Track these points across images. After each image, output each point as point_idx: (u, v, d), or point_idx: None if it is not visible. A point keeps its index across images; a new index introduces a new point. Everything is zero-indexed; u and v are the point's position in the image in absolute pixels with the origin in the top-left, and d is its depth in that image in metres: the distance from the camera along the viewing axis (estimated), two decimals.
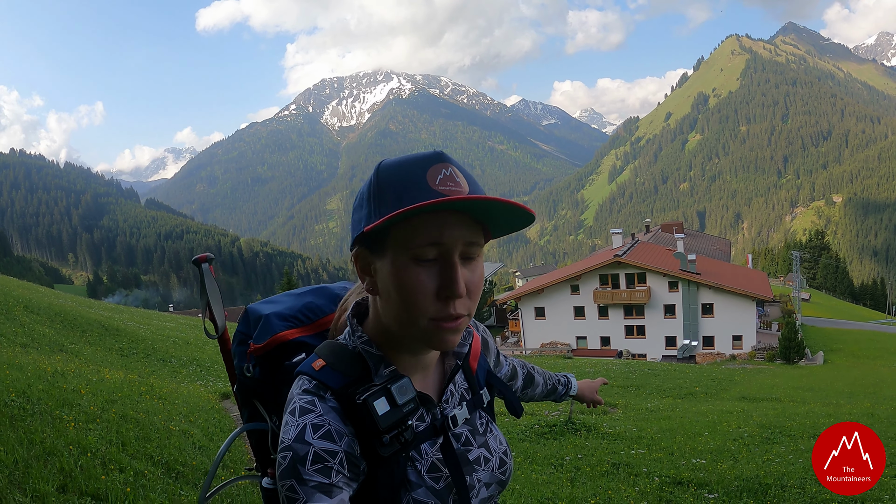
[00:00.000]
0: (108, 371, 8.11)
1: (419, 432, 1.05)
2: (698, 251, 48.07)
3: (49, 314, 14.17)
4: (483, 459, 1.12)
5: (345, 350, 1.06)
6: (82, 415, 4.80)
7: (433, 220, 0.91)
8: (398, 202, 0.91)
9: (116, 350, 12.62)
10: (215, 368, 13.12)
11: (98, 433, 4.46)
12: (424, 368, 1.11)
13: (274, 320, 1.25)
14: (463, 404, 1.13)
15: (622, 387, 16.08)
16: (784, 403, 13.30)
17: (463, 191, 0.93)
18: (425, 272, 0.94)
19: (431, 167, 0.93)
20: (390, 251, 0.95)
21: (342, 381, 1.01)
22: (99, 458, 3.97)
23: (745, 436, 8.15)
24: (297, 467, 0.92)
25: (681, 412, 10.92)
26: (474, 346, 1.20)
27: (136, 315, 24.42)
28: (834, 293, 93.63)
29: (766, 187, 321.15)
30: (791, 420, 9.69)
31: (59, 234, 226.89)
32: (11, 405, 4.40)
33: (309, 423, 0.95)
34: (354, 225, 0.99)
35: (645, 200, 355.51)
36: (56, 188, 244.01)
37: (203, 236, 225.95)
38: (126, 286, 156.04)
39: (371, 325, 1.07)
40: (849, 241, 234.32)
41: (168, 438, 5.20)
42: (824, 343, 37.43)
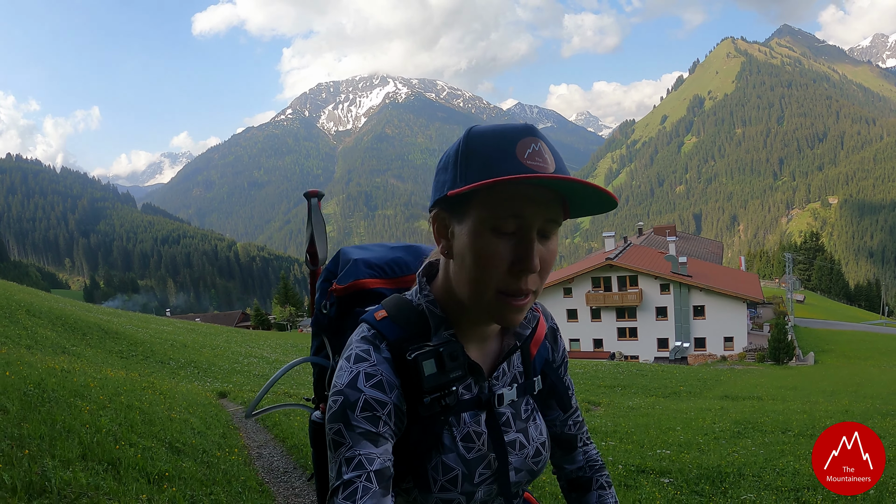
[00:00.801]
0: (110, 370, 8.53)
1: (463, 400, 1.06)
2: (691, 254, 48.59)
3: (50, 318, 14.56)
4: (518, 444, 1.12)
5: (409, 305, 1.08)
6: (94, 403, 5.40)
7: (518, 193, 0.92)
8: (486, 171, 0.91)
9: (116, 352, 13.01)
10: (211, 370, 13.51)
11: (109, 417, 5.06)
12: (483, 339, 1.11)
13: (361, 266, 1.28)
14: (513, 386, 1.13)
15: (609, 387, 16.51)
16: (764, 402, 13.72)
17: (549, 167, 0.93)
18: (503, 243, 0.94)
19: (521, 140, 0.94)
20: (471, 218, 0.95)
21: (399, 335, 1.03)
22: (111, 435, 4.56)
23: (717, 430, 8.57)
24: (346, 412, 0.94)
25: (660, 410, 11.34)
26: (538, 332, 1.20)
27: (134, 319, 24.81)
28: (829, 294, 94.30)
29: (761, 189, 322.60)
30: (765, 416, 10.11)
31: (56, 238, 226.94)
32: (31, 394, 4.96)
33: (362, 371, 0.97)
34: (437, 187, 1.00)
35: (641, 203, 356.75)
36: (53, 193, 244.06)
37: (200, 241, 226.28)
38: (123, 290, 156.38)
39: (439, 286, 1.08)
40: (845, 242, 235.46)
41: (170, 423, 5.75)
42: (816, 344, 37.89)
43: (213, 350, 18.60)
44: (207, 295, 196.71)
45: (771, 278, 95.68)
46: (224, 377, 12.93)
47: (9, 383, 4.97)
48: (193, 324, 33.41)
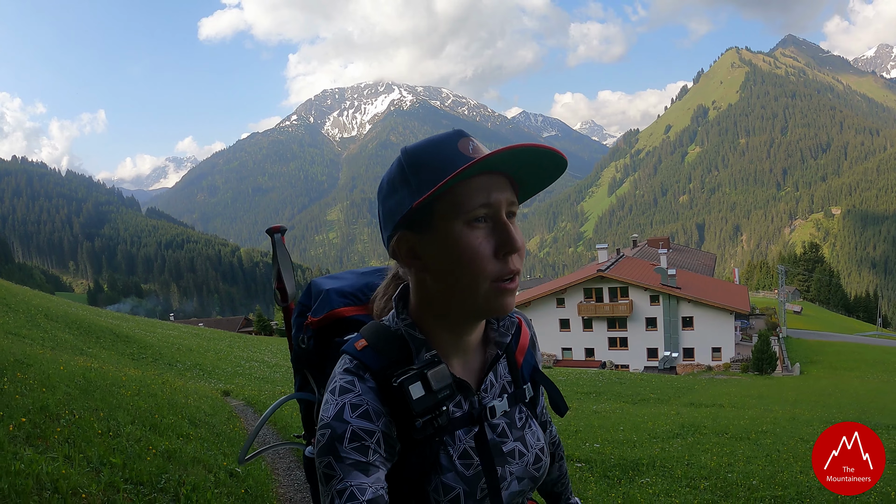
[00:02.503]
0: (129, 370, 9.77)
1: (455, 418, 1.06)
2: (683, 266, 49.67)
3: (66, 321, 15.80)
4: (518, 453, 1.13)
5: (388, 332, 1.08)
6: (129, 390, 7.03)
7: (478, 183, 0.96)
8: (440, 174, 0.95)
9: (128, 355, 14.24)
10: (216, 372, 14.70)
11: (143, 400, 6.71)
12: (465, 353, 1.12)
13: (333, 296, 1.29)
14: (504, 396, 1.14)
15: (585, 393, 17.65)
16: (724, 409, 14.80)
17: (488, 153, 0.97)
18: (481, 233, 0.97)
19: (459, 141, 0.99)
20: (439, 225, 0.97)
21: (382, 363, 1.03)
22: (147, 412, 6.17)
23: (658, 432, 9.70)
24: (335, 445, 0.95)
25: (619, 413, 12.48)
26: (522, 340, 1.22)
27: (141, 323, 26.07)
28: (827, 305, 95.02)
29: (765, 200, 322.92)
30: (711, 421, 11.25)
31: (61, 241, 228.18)
32: (81, 383, 6.45)
33: (348, 403, 0.98)
34: (390, 212, 1.02)
35: (644, 213, 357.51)
36: (58, 196, 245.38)
37: (203, 246, 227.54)
38: (126, 294, 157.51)
39: (414, 308, 1.09)
40: (847, 252, 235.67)
41: (186, 407, 7.35)
42: (806, 355, 38.60)
43: (217, 354, 19.77)
44: (211, 300, 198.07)
45: (770, 289, 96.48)
46: (227, 379, 14.09)
47: (63, 375, 6.47)
48: (198, 329, 34.59)
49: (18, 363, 6.17)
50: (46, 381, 5.83)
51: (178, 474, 4.26)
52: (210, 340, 24.37)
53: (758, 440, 9.11)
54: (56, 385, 5.80)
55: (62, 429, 4.34)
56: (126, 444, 4.60)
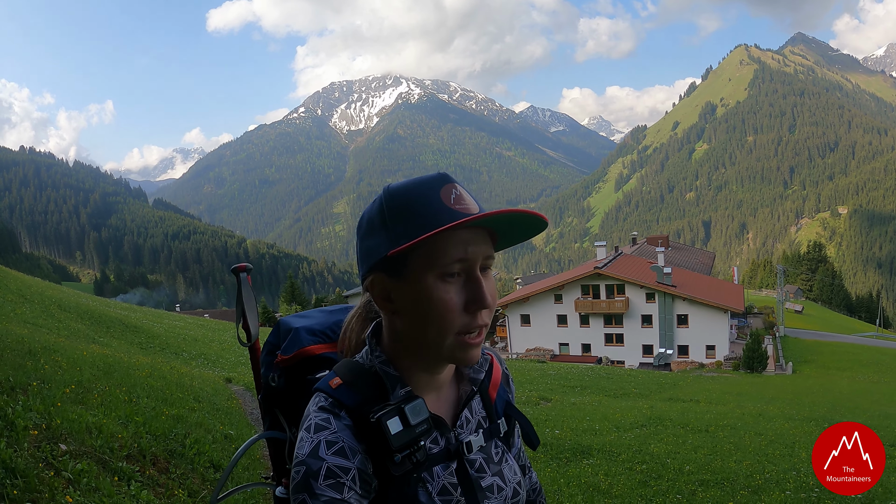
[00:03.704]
0: (140, 357, 10.67)
1: (432, 455, 1.07)
2: (681, 264, 50.34)
3: (78, 312, 16.69)
4: (496, 487, 1.13)
5: (361, 369, 1.09)
6: (142, 373, 8.13)
7: (458, 237, 0.97)
8: (420, 224, 0.96)
9: (137, 344, 15.11)
10: (220, 361, 15.55)
11: (155, 380, 7.79)
12: (438, 389, 1.13)
13: (303, 334, 1.30)
14: (479, 432, 1.15)
15: (570, 387, 18.41)
16: (700, 404, 15.52)
17: (473, 208, 1.00)
18: (453, 288, 0.98)
19: (442, 188, 0.99)
20: (414, 273, 0.99)
21: (357, 400, 1.04)
22: (159, 389, 7.27)
23: (624, 422, 10.48)
24: (309, 482, 0.95)
25: (595, 406, 13.28)
26: (494, 376, 1.23)
27: (148, 314, 26.96)
28: (829, 305, 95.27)
29: (771, 198, 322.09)
30: (678, 414, 12.02)
31: (67, 231, 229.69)
32: (102, 366, 7.54)
33: (323, 440, 0.98)
34: (367, 252, 1.03)
35: (651, 209, 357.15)
36: (65, 186, 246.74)
37: (210, 237, 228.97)
38: (133, 285, 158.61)
39: (387, 345, 1.10)
40: (853, 252, 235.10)
41: (192, 388, 8.36)
42: (801, 354, 39.05)
43: (221, 344, 20.57)
44: (217, 291, 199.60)
45: (773, 288, 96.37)
46: (230, 368, 14.89)
47: (87, 359, 7.51)
48: (203, 319, 35.46)
49: (47, 349, 7.06)
50: (74, 364, 6.83)
51: (184, 431, 5.43)
52: (214, 331, 25.15)
53: (715, 433, 9.85)
54: (83, 367, 6.86)
55: (97, 396, 5.57)
56: (144, 409, 5.77)
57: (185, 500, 4.12)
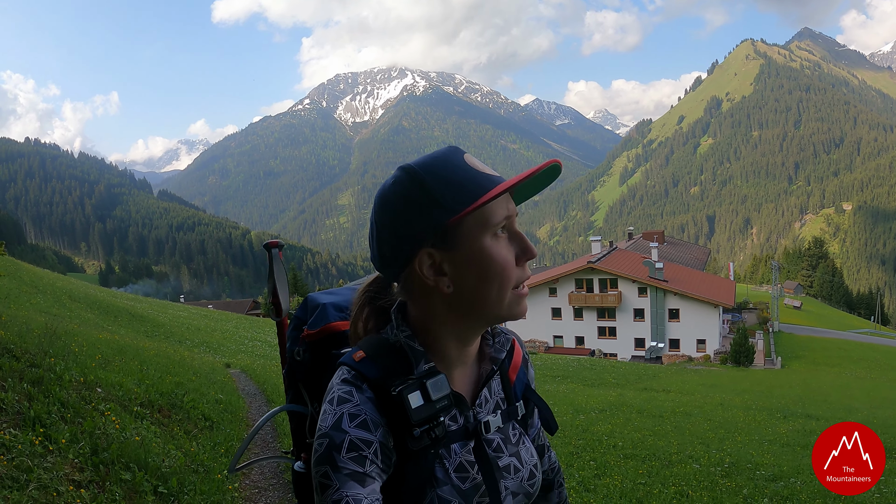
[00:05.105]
0: (144, 343, 11.73)
1: (451, 431, 1.07)
2: (676, 260, 51.19)
3: (87, 302, 17.75)
4: (513, 468, 1.14)
5: (386, 343, 1.09)
6: (150, 353, 9.34)
7: (500, 198, 1.02)
8: (469, 190, 0.99)
9: (143, 332, 16.15)
10: (221, 349, 16.59)
11: (161, 360, 9.22)
12: (463, 365, 1.13)
13: (330, 310, 1.31)
14: (497, 413, 1.15)
15: (553, 376, 19.39)
16: (670, 394, 16.44)
17: (493, 171, 1.05)
18: (504, 244, 1.03)
19: (464, 156, 1.04)
20: (466, 240, 1.01)
21: (380, 373, 1.04)
22: (164, 365, 8.74)
23: (584, 407, 11.46)
24: (332, 454, 0.96)
25: (566, 392, 14.26)
26: (515, 358, 1.23)
27: (154, 305, 28.02)
28: (829, 301, 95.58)
29: (776, 193, 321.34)
30: (643, 402, 12.99)
31: (73, 223, 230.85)
32: (116, 348, 8.87)
33: (346, 412, 0.99)
34: (411, 230, 1.02)
35: (655, 203, 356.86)
36: (70, 178, 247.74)
37: (214, 228, 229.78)
38: (137, 276, 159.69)
39: (417, 320, 1.10)
40: (857, 249, 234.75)
41: (192, 366, 9.86)
42: (792, 350, 39.71)
43: (223, 334, 21.63)
44: (221, 282, 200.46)
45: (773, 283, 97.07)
46: (230, 355, 15.92)
47: (103, 342, 8.77)
48: (206, 310, 36.42)
49: (67, 333, 8.06)
50: (94, 346, 8.05)
51: (183, 392, 6.94)
52: (217, 321, 26.21)
53: (668, 418, 10.80)
54: (101, 348, 8.17)
55: (116, 366, 7.11)
56: (152, 376, 7.34)
57: (181, 436, 5.30)
